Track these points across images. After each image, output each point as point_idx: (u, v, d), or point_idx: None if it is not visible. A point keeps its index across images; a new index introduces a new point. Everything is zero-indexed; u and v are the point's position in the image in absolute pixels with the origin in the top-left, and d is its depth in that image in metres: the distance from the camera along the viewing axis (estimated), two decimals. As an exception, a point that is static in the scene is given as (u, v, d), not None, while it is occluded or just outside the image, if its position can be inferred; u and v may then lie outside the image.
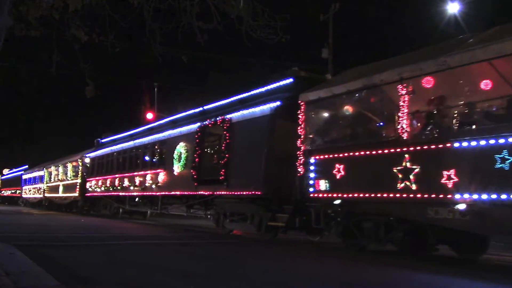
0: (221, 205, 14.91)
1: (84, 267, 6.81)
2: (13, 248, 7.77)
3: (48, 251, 8.44)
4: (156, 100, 36.18)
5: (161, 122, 20.20)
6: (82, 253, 8.87)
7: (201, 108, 16.93)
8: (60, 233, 13.11)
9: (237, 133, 13.99)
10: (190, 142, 16.50)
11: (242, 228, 14.17)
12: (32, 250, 8.01)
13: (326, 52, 25.04)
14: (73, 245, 10.21)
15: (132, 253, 9.25)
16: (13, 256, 7.05)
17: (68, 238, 11.73)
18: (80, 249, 9.56)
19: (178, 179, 16.89)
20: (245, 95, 14.53)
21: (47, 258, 7.32)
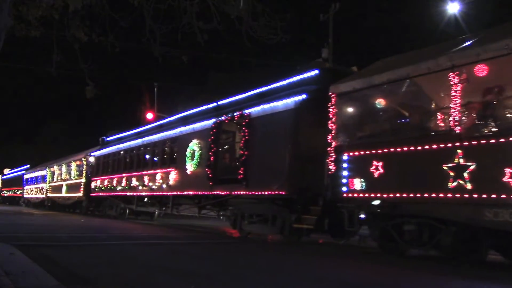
0: (239, 205, 14.06)
1: (84, 267, 6.74)
2: (13, 248, 7.77)
3: (48, 251, 8.41)
4: (156, 100, 36.06)
5: (171, 118, 19.33)
6: (82, 253, 8.84)
7: (215, 103, 16.07)
8: (60, 233, 13.05)
9: (257, 129, 13.13)
10: (204, 139, 15.64)
11: (262, 230, 13.32)
12: (32, 250, 7.98)
13: (326, 52, 24.90)
14: (73, 245, 10.14)
15: (132, 253, 9.18)
16: (13, 256, 7.04)
17: (68, 238, 11.66)
18: (80, 249, 9.51)
19: (191, 179, 16.03)
20: (264, 88, 13.67)
21: (47, 258, 7.28)
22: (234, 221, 14.31)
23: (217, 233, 16.20)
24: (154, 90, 36.15)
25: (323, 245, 12.37)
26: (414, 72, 8.48)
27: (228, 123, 14.57)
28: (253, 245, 11.96)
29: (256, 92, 13.94)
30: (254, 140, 13.14)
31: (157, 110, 35.16)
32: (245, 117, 13.53)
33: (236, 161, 13.77)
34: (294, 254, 10.02)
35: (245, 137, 13.37)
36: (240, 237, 13.71)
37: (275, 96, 12.69)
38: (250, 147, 13.20)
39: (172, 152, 18.24)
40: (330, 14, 25.19)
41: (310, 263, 8.43)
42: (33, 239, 10.63)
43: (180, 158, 17.09)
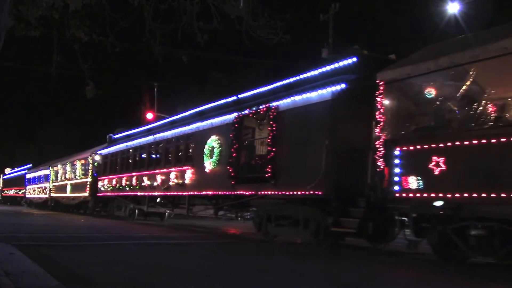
0: (264, 206, 12.96)
1: (84, 267, 6.72)
2: (13, 248, 7.78)
3: (48, 251, 8.38)
4: (156, 100, 35.78)
5: (185, 114, 18.19)
6: (82, 253, 8.81)
7: (235, 96, 14.95)
8: (60, 233, 12.99)
9: (287, 123, 12.03)
10: (224, 135, 14.53)
11: (291, 233, 12.21)
12: (32, 250, 7.98)
13: (326, 52, 24.54)
14: (74, 245, 10.12)
15: (132, 253, 9.14)
16: (13, 256, 7.04)
17: (68, 238, 11.63)
18: (81, 249, 9.49)
19: (210, 177, 14.93)
20: (293, 79, 12.54)
21: (47, 258, 7.26)
22: (259, 223, 13.20)
23: (218, 233, 15.95)
24: (154, 90, 35.96)
25: (360, 249, 11.25)
26: (485, 54, 7.37)
27: (252, 117, 13.46)
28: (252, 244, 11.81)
29: (283, 84, 12.81)
30: (283, 135, 12.04)
31: (157, 110, 34.86)
32: (272, 110, 12.42)
33: (263, 158, 12.67)
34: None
35: (272, 132, 12.27)
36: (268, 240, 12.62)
37: (307, 87, 11.57)
38: (278, 142, 12.10)
39: (187, 149, 17.13)
40: (330, 14, 24.97)
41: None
42: (33, 239, 10.55)
43: (197, 156, 15.98)
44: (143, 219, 22.01)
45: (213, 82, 42.47)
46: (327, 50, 24.59)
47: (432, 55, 8.37)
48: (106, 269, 6.73)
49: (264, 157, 12.62)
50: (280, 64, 35.29)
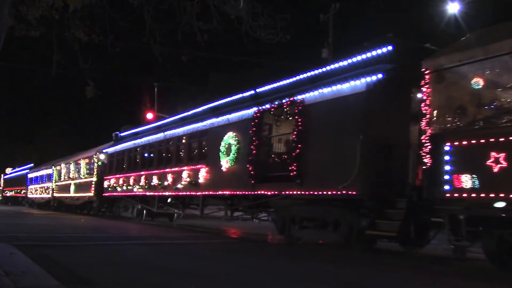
0: (287, 207, 12.11)
1: (84, 267, 6.73)
2: (13, 248, 7.80)
3: (48, 251, 8.41)
4: (156, 100, 35.50)
5: (197, 110, 17.31)
6: (82, 253, 8.84)
7: (253, 91, 14.08)
8: (60, 233, 12.94)
9: (314, 118, 11.18)
10: (242, 132, 13.69)
11: (319, 236, 11.37)
12: (32, 250, 8.00)
13: (326, 52, 24.71)
14: (74, 245, 10.14)
15: (132, 253, 9.13)
16: (13, 256, 7.08)
17: (68, 238, 11.60)
18: (80, 249, 9.52)
19: (227, 176, 14.07)
20: (318, 71, 11.65)
21: (47, 258, 7.28)
22: (282, 225, 12.36)
23: (218, 233, 15.88)
24: (154, 90, 35.72)
25: (394, 254, 10.41)
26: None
27: (274, 112, 12.59)
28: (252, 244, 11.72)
29: (307, 76, 11.93)
30: (310, 130, 11.19)
31: (157, 110, 34.54)
32: (297, 104, 11.57)
33: (287, 156, 11.82)
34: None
35: (298, 127, 11.42)
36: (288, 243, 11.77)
37: (337, 78, 10.71)
38: (304, 138, 11.25)
39: (201, 147, 16.28)
40: (330, 14, 24.87)
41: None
42: (33, 239, 10.55)
43: (212, 154, 15.13)
44: (150, 220, 21.18)
45: (213, 82, 42.42)
46: (327, 50, 24.69)
47: (491, 38, 7.52)
48: (106, 269, 6.75)
49: (288, 154, 11.77)
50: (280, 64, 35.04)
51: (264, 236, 14.45)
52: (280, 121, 12.56)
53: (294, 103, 11.67)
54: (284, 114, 12.22)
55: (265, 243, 11.38)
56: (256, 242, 11.89)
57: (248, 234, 14.10)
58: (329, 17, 25.01)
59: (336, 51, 24.24)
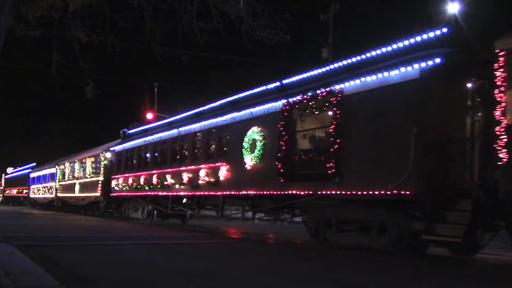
0: (322, 209, 11.02)
1: (84, 267, 6.72)
2: (13, 248, 7.83)
3: (48, 251, 8.43)
4: (156, 100, 35.39)
5: (214, 104, 16.18)
6: (82, 253, 8.84)
7: (278, 82, 12.97)
8: (60, 233, 12.96)
9: (355, 109, 10.08)
10: (269, 126, 12.59)
11: (360, 241, 10.25)
12: (32, 250, 8.02)
13: (326, 52, 24.72)
14: (74, 245, 10.15)
15: (132, 253, 9.14)
16: (13, 256, 7.10)
17: (68, 238, 11.61)
18: (80, 249, 9.54)
19: (252, 175, 12.97)
20: (356, 58, 10.50)
21: (47, 258, 7.28)
22: (316, 228, 11.26)
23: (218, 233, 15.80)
24: (154, 90, 35.58)
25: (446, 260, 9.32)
26: None
27: (307, 104, 11.50)
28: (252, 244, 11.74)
29: (344, 64, 10.82)
30: (351, 123, 10.09)
31: (157, 110, 34.23)
32: (335, 95, 10.47)
33: (323, 152, 10.70)
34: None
35: (336, 120, 10.32)
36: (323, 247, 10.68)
37: (383, 65, 9.60)
38: (344, 132, 10.15)
39: (220, 143, 15.18)
40: (330, 14, 24.89)
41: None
42: (33, 239, 10.56)
43: (233, 151, 14.04)
44: (160, 221, 20.08)
45: (213, 82, 42.41)
46: (327, 50, 24.71)
47: None
48: (106, 269, 6.74)
49: (325, 150, 10.66)
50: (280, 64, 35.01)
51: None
52: (314, 113, 11.45)
53: (331, 93, 10.56)
54: (318, 106, 11.13)
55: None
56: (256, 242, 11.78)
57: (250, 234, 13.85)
58: (329, 17, 25.04)
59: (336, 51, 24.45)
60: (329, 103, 10.66)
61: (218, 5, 6.62)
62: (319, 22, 25.59)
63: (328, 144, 10.56)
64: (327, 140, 10.73)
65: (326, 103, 10.81)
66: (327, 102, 10.79)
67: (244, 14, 6.64)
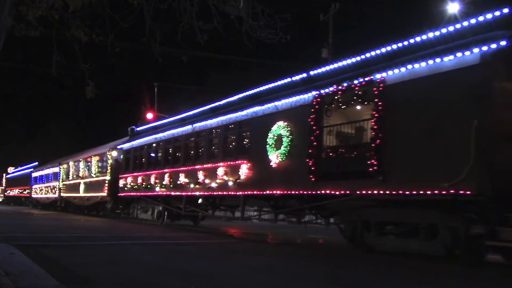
0: (359, 210, 10.06)
1: (84, 267, 6.71)
2: (13, 248, 7.83)
3: (48, 251, 8.42)
4: (156, 100, 35.53)
5: (232, 99, 15.17)
6: (82, 253, 8.82)
7: (305, 73, 12.00)
8: (60, 233, 12.93)
9: (399, 100, 9.12)
10: (297, 120, 11.64)
11: (405, 246, 9.28)
12: (32, 250, 8.04)
13: (326, 52, 24.74)
14: (74, 245, 10.15)
15: (132, 253, 9.14)
16: (13, 256, 7.13)
17: (68, 238, 11.59)
18: (80, 249, 9.53)
19: (278, 173, 12.01)
20: (400, 45, 9.49)
21: (47, 258, 7.30)
22: (352, 231, 10.30)
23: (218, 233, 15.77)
24: (154, 90, 35.75)
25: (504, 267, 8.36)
26: None
27: (342, 95, 10.53)
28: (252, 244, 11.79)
29: (384, 52, 9.80)
30: (395, 115, 9.12)
31: (157, 110, 34.22)
32: (376, 85, 9.51)
33: (363, 147, 9.74)
34: None
35: (378, 112, 9.35)
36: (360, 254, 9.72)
37: (434, 50, 8.63)
38: (387, 126, 9.19)
39: (240, 139, 14.21)
40: (330, 14, 24.93)
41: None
42: (33, 239, 10.55)
43: (255, 147, 13.08)
44: (170, 222, 19.10)
45: (213, 82, 42.56)
46: (327, 50, 24.66)
47: None
48: (106, 269, 6.71)
49: (365, 145, 9.70)
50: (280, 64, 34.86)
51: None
52: (350, 106, 10.48)
53: (371, 83, 9.60)
54: (355, 97, 10.17)
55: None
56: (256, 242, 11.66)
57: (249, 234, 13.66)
58: (329, 17, 25.02)
59: (336, 51, 24.39)
60: (369, 94, 9.70)
61: (218, 5, 6.59)
62: (319, 22, 25.69)
63: (368, 139, 9.59)
64: (366, 135, 9.77)
65: (365, 94, 9.83)
66: (366, 93, 9.82)
67: (244, 14, 6.59)
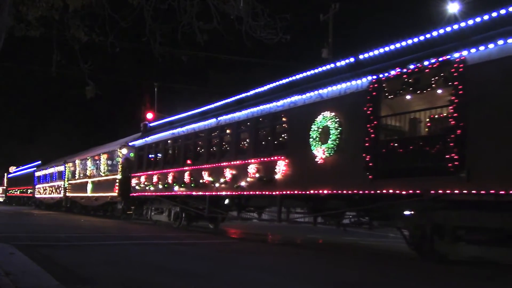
0: (429, 212, 8.63)
1: (84, 267, 6.75)
2: (13, 248, 7.88)
3: (48, 251, 8.46)
4: (156, 100, 35.17)
5: (260, 90, 13.74)
6: (82, 253, 8.88)
7: (352, 58, 10.63)
8: (60, 233, 12.98)
9: (487, 83, 7.69)
10: (347, 110, 10.25)
11: (490, 254, 7.85)
12: (32, 250, 8.08)
13: (326, 52, 24.65)
14: (73, 245, 10.12)
15: (132, 253, 9.14)
16: (13, 256, 7.15)
17: (68, 238, 11.60)
18: (80, 249, 9.54)
19: (324, 170, 10.58)
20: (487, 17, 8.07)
21: (47, 258, 7.33)
22: (421, 237, 8.86)
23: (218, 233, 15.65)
24: (154, 90, 35.41)
25: None
26: None
27: (406, 80, 9.07)
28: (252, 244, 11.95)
29: (469, 24, 8.32)
30: (481, 101, 7.69)
31: (157, 110, 33.67)
32: (454, 65, 8.07)
33: (438, 139, 8.30)
34: None
35: (458, 97, 7.92)
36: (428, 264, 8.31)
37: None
38: (470, 113, 7.76)
39: (275, 133, 12.81)
40: (330, 14, 24.84)
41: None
42: (33, 239, 10.55)
43: (295, 141, 11.69)
44: (186, 225, 17.64)
45: (213, 82, 42.37)
46: (327, 50, 24.60)
47: None
48: (106, 269, 6.72)
49: (440, 137, 8.26)
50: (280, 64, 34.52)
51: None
52: (418, 91, 9.04)
53: (447, 64, 8.17)
54: (425, 81, 8.72)
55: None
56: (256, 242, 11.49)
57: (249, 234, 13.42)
58: (329, 17, 24.87)
59: (336, 51, 24.22)
60: (444, 76, 8.27)
61: (218, 5, 6.55)
62: (319, 22, 25.55)
63: (445, 129, 8.16)
64: (442, 125, 8.33)
65: (439, 77, 8.40)
66: (440, 76, 8.38)
67: (244, 14, 6.53)
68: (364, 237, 15.09)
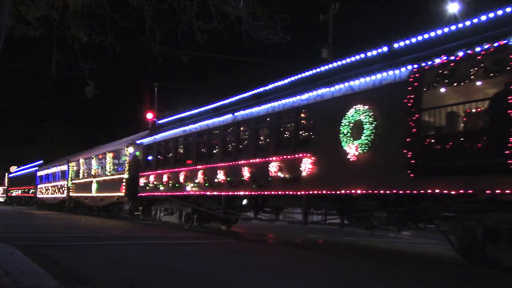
0: (479, 215, 7.81)
1: (84, 267, 6.75)
2: (13, 248, 7.87)
3: (48, 251, 8.46)
4: (156, 100, 35.20)
5: (280, 83, 12.92)
6: (82, 253, 8.86)
7: (385, 47, 9.80)
8: (60, 233, 12.96)
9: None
10: (383, 103, 9.43)
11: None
12: (32, 250, 8.09)
13: (326, 52, 24.67)
14: (73, 245, 10.12)
15: (132, 253, 9.15)
16: (13, 256, 7.14)
17: (68, 238, 11.56)
18: (80, 249, 9.52)
19: (357, 168, 9.75)
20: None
21: (47, 258, 7.32)
22: (470, 243, 8.03)
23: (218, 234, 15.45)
24: (154, 90, 35.48)
25: None
26: None
27: (453, 68, 8.25)
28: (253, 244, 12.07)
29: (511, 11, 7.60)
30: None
31: (157, 110, 33.65)
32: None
33: (495, 133, 7.48)
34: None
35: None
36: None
37: None
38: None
39: (299, 129, 12.00)
40: (330, 14, 24.86)
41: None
42: (33, 239, 10.54)
43: (322, 138, 10.87)
44: (196, 226, 16.83)
45: (213, 82, 42.33)
46: (327, 50, 24.59)
47: None
48: (106, 269, 6.74)
49: (499, 130, 7.43)
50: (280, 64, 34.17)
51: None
52: (468, 80, 8.21)
53: (506, 49, 7.34)
54: (477, 68, 7.90)
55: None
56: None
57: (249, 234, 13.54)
58: (329, 17, 24.87)
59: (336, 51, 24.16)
60: (502, 63, 7.44)
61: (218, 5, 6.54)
62: (319, 22, 25.57)
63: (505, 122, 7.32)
64: (500, 117, 7.50)
65: (495, 64, 7.58)
66: (496, 63, 7.56)
67: (244, 14, 6.52)
68: (364, 237, 14.37)
